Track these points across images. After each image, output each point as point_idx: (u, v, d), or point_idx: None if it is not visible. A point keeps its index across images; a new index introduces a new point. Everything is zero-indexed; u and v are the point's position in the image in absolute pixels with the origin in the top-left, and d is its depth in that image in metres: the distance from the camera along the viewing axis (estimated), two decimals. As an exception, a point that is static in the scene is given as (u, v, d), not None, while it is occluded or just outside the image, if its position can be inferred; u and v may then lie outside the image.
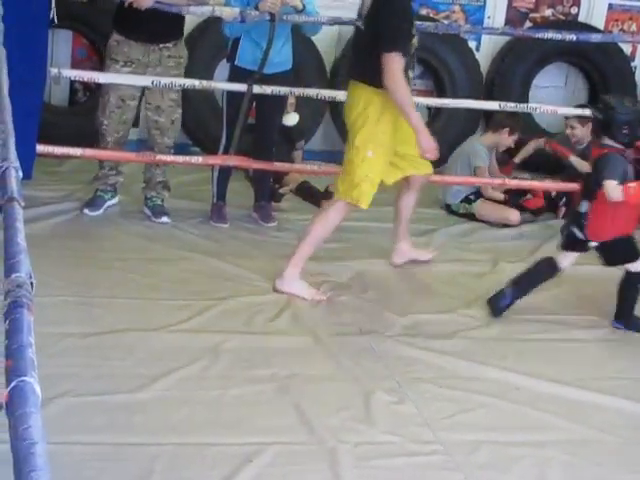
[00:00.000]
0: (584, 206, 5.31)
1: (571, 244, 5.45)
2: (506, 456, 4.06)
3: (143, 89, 6.47)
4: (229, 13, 6.28)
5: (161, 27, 6.32)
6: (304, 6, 6.41)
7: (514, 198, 7.69)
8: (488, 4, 9.06)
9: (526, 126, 8.65)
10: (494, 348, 5.15)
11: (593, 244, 5.38)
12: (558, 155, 7.98)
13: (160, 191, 6.78)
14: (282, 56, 6.52)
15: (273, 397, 4.38)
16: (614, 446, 4.26)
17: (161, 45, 6.40)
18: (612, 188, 5.14)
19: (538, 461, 4.05)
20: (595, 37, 7.46)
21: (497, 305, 5.51)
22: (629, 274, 5.46)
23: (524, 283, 5.52)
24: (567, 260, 5.50)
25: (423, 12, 8.80)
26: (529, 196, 7.85)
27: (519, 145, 8.08)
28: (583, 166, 6.82)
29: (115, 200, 6.76)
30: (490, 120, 8.12)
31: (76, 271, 5.63)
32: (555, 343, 5.32)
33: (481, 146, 7.73)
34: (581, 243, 5.40)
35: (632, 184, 5.19)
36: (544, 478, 3.92)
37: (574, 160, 7.67)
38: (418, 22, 6.84)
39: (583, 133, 7.90)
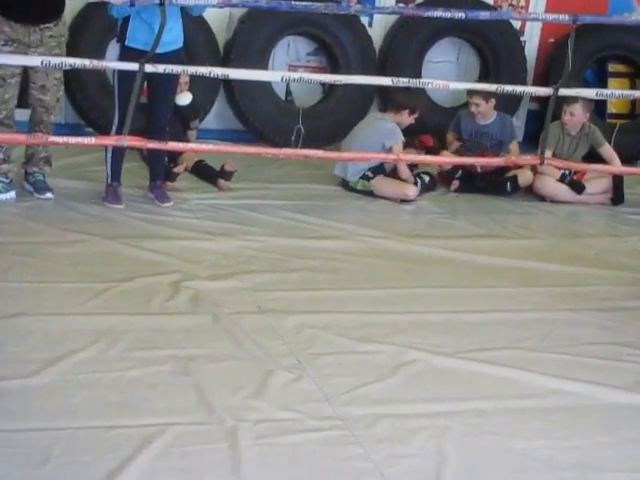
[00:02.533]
0: None
1: None
2: (405, 428, 4.10)
3: (24, 68, 6.39)
4: (118, -3, 6.19)
5: (41, 8, 6.28)
6: None
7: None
8: (379, -20, 9.09)
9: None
10: (394, 322, 5.20)
11: None
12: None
13: (42, 166, 6.77)
14: (173, 35, 6.46)
15: (172, 378, 4.35)
16: (510, 415, 4.33)
17: (42, 25, 6.34)
18: None
19: (436, 432, 4.10)
20: (484, 15, 7.53)
21: None
22: None
23: None
24: None
25: (315, -12, 8.79)
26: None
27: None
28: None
29: (10, 195, 6.61)
30: (388, 99, 8.18)
31: (-33, 256, 5.54)
32: (451, 315, 5.38)
33: (393, 125, 7.75)
34: None
35: None
36: (442, 448, 3.98)
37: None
38: (307, 2, 6.86)
39: (487, 109, 8.09)
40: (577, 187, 8.06)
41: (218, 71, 6.68)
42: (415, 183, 7.71)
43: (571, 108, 8.04)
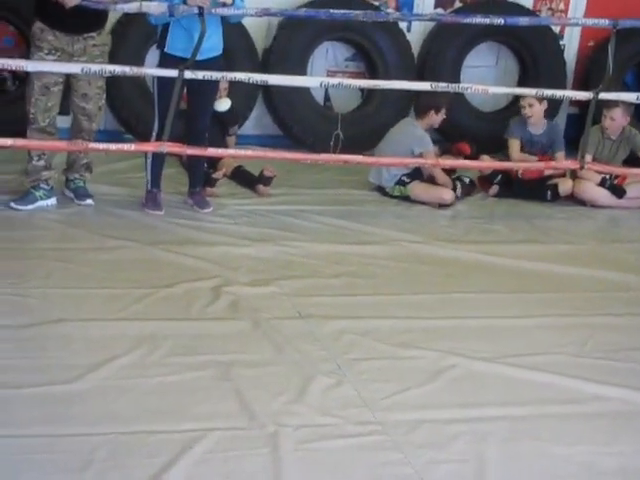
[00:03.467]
0: None
1: None
2: (444, 434, 4.10)
3: (67, 76, 6.44)
4: (157, 8, 6.23)
5: (84, 19, 6.30)
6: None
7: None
8: (419, -15, 9.08)
9: (458, 106, 8.72)
10: (433, 327, 5.19)
11: None
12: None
13: (83, 173, 6.83)
14: (212, 42, 6.48)
15: (213, 383, 4.38)
16: (551, 421, 4.31)
17: (85, 35, 6.39)
18: None
19: (476, 437, 4.09)
20: (523, 20, 7.51)
21: None
22: None
23: None
24: None
25: (354, -6, 8.80)
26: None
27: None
28: None
29: (50, 201, 6.65)
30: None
31: (8, 262, 5.58)
32: (491, 320, 5.37)
33: (423, 131, 7.75)
34: None
35: None
36: (483, 454, 3.97)
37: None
38: (346, 11, 6.87)
39: (539, 111, 8.04)
40: (617, 191, 8.01)
41: (257, 77, 6.70)
42: (454, 188, 7.70)
43: (611, 112, 7.99)
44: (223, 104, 7.62)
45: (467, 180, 7.91)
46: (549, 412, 4.37)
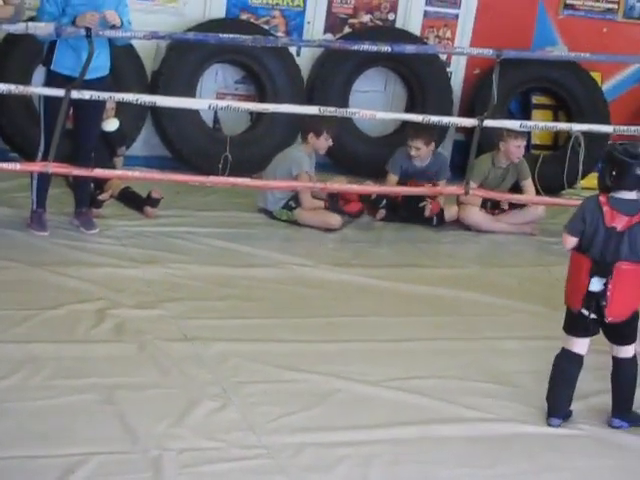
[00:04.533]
0: (596, 284, 4.50)
1: (583, 328, 4.62)
2: (330, 456, 4.12)
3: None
4: (43, 29, 6.16)
5: None
6: (122, 22, 6.38)
7: (333, 203, 7.78)
8: (308, 10, 9.12)
9: (346, 130, 8.78)
10: (319, 351, 5.21)
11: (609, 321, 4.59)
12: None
13: None
14: (99, 62, 6.43)
15: (96, 407, 4.33)
16: (434, 444, 4.36)
17: None
18: None
19: (362, 460, 4.12)
20: (410, 48, 7.62)
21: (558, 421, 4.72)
22: (624, 361, 4.67)
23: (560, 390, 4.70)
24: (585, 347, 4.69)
25: (243, 17, 8.82)
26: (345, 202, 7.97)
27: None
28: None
29: None
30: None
31: None
32: (376, 344, 5.41)
33: (302, 153, 7.78)
34: (593, 325, 4.60)
35: None
36: (367, 477, 4.00)
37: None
38: (235, 35, 6.87)
39: (427, 152, 8.08)
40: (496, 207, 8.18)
41: (145, 98, 6.69)
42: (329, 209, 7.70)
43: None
44: (111, 124, 7.54)
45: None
46: (432, 435, 4.43)
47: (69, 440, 4.00)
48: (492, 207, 8.21)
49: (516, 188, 8.33)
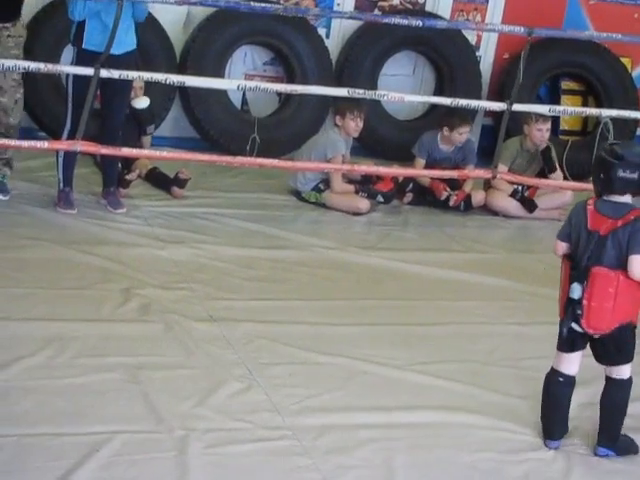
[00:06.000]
0: (575, 291, 4.12)
1: (570, 342, 4.24)
2: (353, 439, 4.12)
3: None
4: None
5: None
6: None
7: (364, 186, 7.76)
8: (338, -8, 9.12)
9: (375, 114, 8.76)
10: (344, 334, 5.21)
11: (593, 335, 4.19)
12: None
13: (1, 167, 6.69)
14: (127, 36, 6.46)
15: (121, 386, 4.34)
16: (457, 428, 4.36)
17: (0, 25, 6.29)
18: None
19: (384, 444, 4.12)
20: (440, 24, 7.59)
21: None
22: (614, 382, 4.25)
23: (552, 415, 4.35)
24: (574, 365, 4.30)
25: (273, -1, 8.82)
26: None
27: None
28: None
29: None
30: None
31: None
32: (401, 327, 5.40)
33: (338, 136, 7.77)
34: (580, 338, 4.22)
35: None
36: (390, 461, 4.00)
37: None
38: (266, 4, 6.86)
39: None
40: (529, 205, 8.12)
41: (174, 78, 6.67)
42: (360, 191, 7.68)
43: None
44: (142, 102, 7.53)
45: (381, 199, 7.84)
46: (455, 420, 4.42)
47: (94, 418, 4.01)
48: (521, 200, 8.15)
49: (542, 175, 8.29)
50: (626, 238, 4.03)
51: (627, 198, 4.10)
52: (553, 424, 4.33)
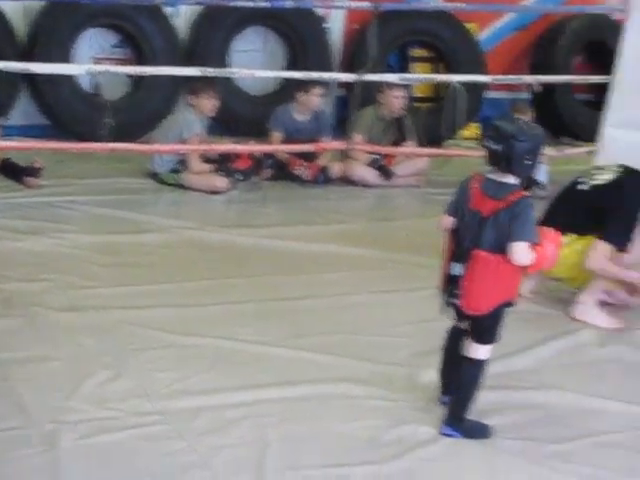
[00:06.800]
0: (456, 270, 4.04)
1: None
2: (226, 419, 4.11)
3: None
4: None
5: None
6: None
7: (222, 165, 7.75)
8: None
9: (228, 90, 8.73)
10: (212, 314, 5.20)
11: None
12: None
13: None
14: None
15: (-14, 383, 4.26)
16: (329, 399, 4.39)
17: None
18: (524, 251, 3.89)
19: (257, 420, 4.13)
20: (288, 4, 7.60)
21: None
22: (468, 361, 4.12)
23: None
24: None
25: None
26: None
27: None
28: None
29: None
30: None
31: None
32: (268, 303, 5.42)
33: (193, 116, 7.73)
34: (458, 312, 4.15)
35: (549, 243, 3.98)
36: (265, 437, 4.01)
37: None
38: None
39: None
40: (386, 173, 8.22)
41: (15, 66, 6.51)
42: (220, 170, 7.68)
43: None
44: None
45: (240, 177, 7.85)
46: (327, 392, 4.44)
47: (-40, 419, 3.93)
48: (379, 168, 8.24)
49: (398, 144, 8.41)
50: (507, 222, 3.90)
51: (510, 178, 3.94)
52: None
